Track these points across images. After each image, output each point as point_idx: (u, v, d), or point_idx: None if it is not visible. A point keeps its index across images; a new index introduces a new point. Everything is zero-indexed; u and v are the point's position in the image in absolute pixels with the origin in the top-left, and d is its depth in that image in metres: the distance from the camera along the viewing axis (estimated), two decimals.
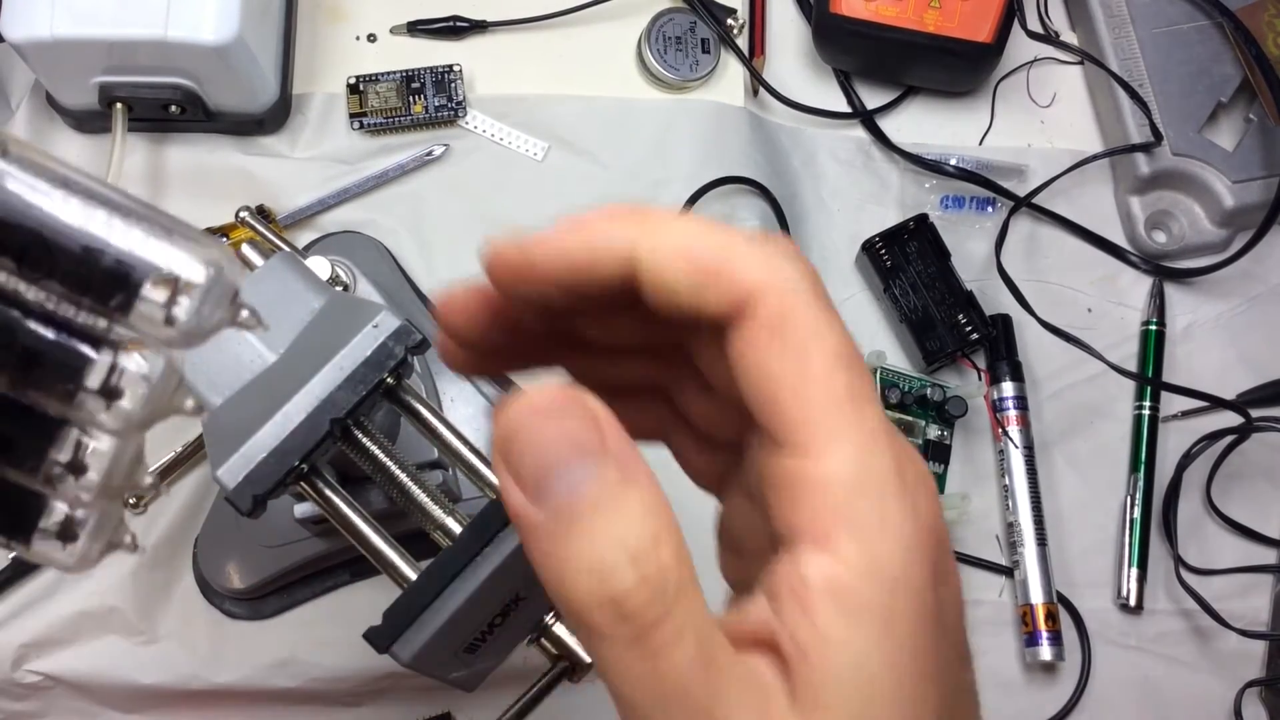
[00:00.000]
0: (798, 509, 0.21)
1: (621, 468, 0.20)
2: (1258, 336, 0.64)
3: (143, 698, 0.54)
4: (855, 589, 0.20)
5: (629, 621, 0.19)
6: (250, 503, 0.38)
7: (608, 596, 0.19)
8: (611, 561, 0.19)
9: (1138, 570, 0.60)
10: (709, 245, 0.22)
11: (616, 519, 0.20)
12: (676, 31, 0.63)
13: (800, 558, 0.21)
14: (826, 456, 0.21)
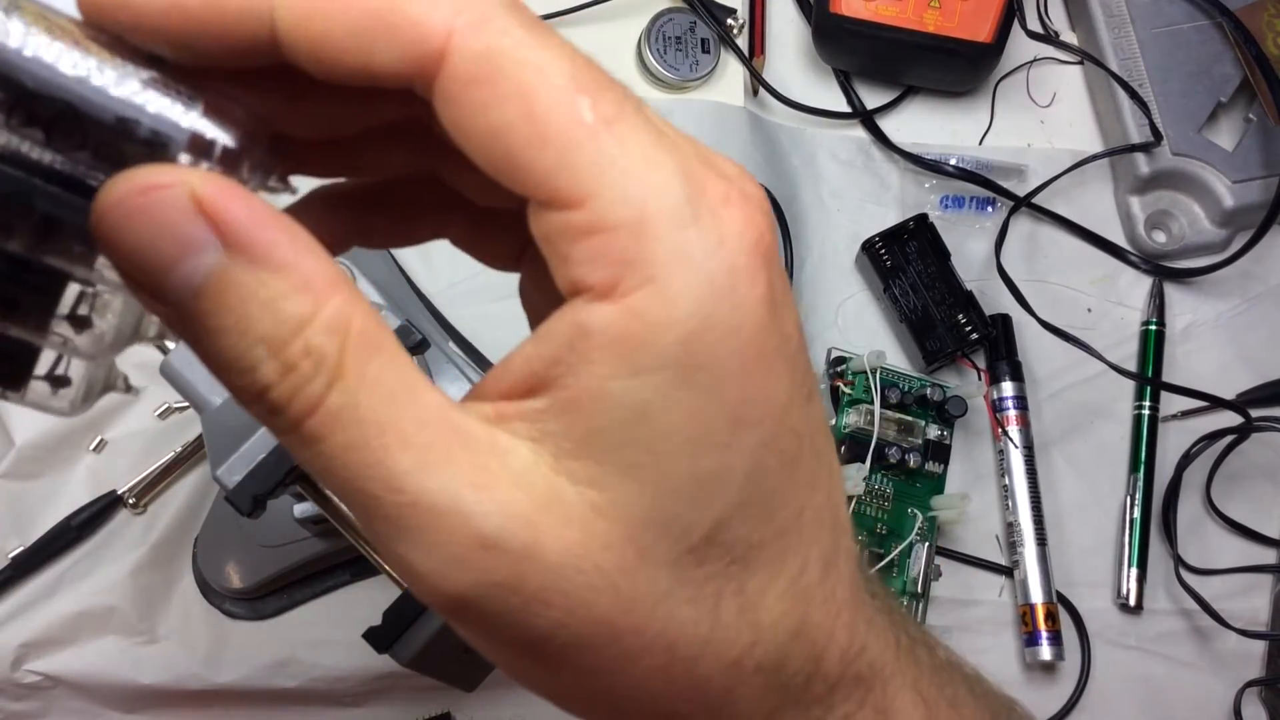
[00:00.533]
0: (576, 263, 0.18)
1: (248, 250, 0.17)
2: (1258, 336, 0.64)
3: (143, 698, 0.54)
4: (643, 339, 0.18)
5: (280, 413, 0.18)
6: (250, 503, 0.38)
7: (254, 390, 0.18)
8: (250, 357, 0.18)
9: (1137, 570, 0.60)
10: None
11: (249, 308, 0.18)
12: (676, 31, 0.63)
13: (580, 306, 0.19)
14: (597, 199, 0.18)
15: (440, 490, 0.18)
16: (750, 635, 0.21)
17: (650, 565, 0.19)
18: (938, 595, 0.58)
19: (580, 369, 0.19)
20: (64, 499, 0.55)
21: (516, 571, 0.19)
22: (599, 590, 0.19)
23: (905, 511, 0.57)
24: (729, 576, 0.20)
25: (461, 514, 0.18)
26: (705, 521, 0.19)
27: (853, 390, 0.58)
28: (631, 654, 0.20)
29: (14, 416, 0.56)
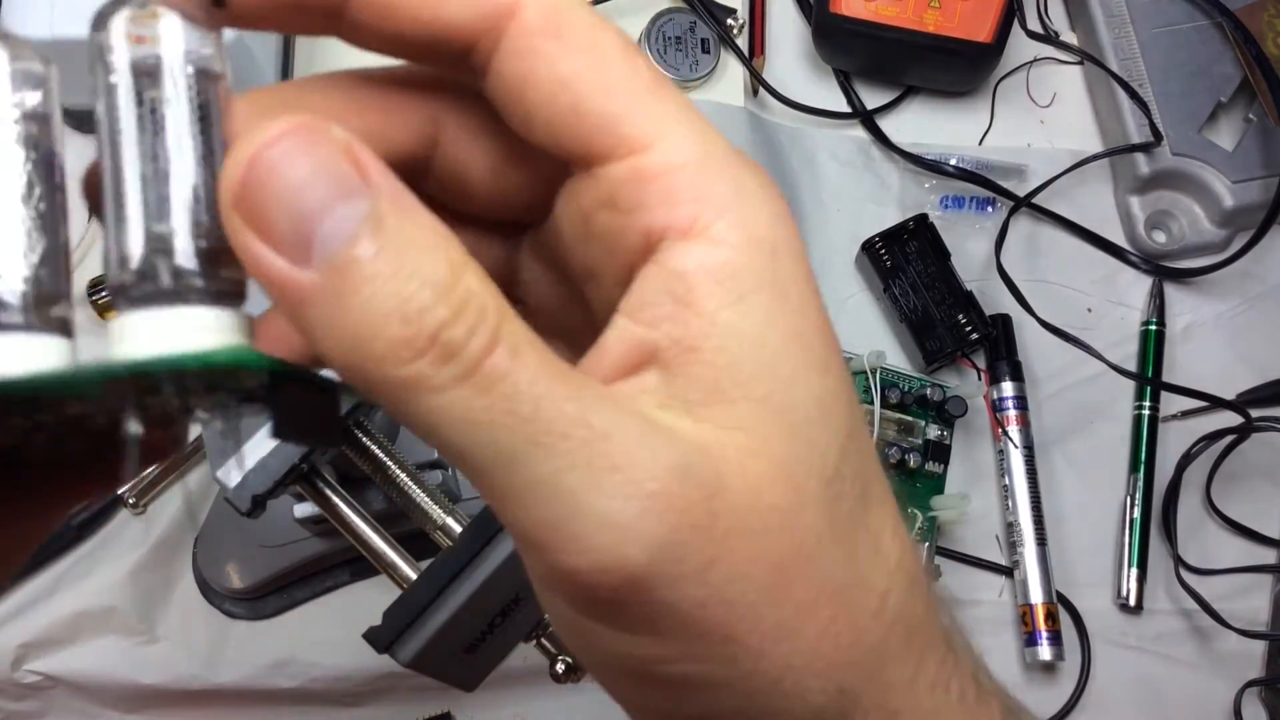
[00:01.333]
0: (650, 208, 0.18)
1: (393, 198, 0.17)
2: (1258, 336, 0.64)
3: (143, 698, 0.54)
4: (737, 264, 0.18)
5: (456, 357, 0.16)
6: (250, 503, 0.38)
7: (425, 337, 0.16)
8: (418, 300, 0.16)
9: (1137, 570, 0.60)
10: None
11: (408, 253, 0.16)
12: (676, 31, 0.63)
13: (669, 254, 0.18)
14: (663, 142, 0.18)
15: (632, 421, 0.17)
16: (884, 580, 0.20)
17: (808, 502, 0.19)
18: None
19: (688, 313, 0.18)
20: None
21: (709, 509, 0.17)
22: (773, 530, 0.18)
23: (905, 511, 0.57)
24: (856, 514, 0.19)
25: (653, 447, 0.17)
26: (834, 448, 0.19)
27: None
28: (805, 606, 0.19)
29: None
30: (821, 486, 0.19)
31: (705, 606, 0.18)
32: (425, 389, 0.16)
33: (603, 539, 0.17)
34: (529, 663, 0.55)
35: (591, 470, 0.17)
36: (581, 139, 0.19)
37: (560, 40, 0.18)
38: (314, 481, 0.41)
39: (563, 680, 0.41)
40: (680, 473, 0.17)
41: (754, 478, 0.18)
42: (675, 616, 0.18)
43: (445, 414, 0.17)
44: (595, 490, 0.17)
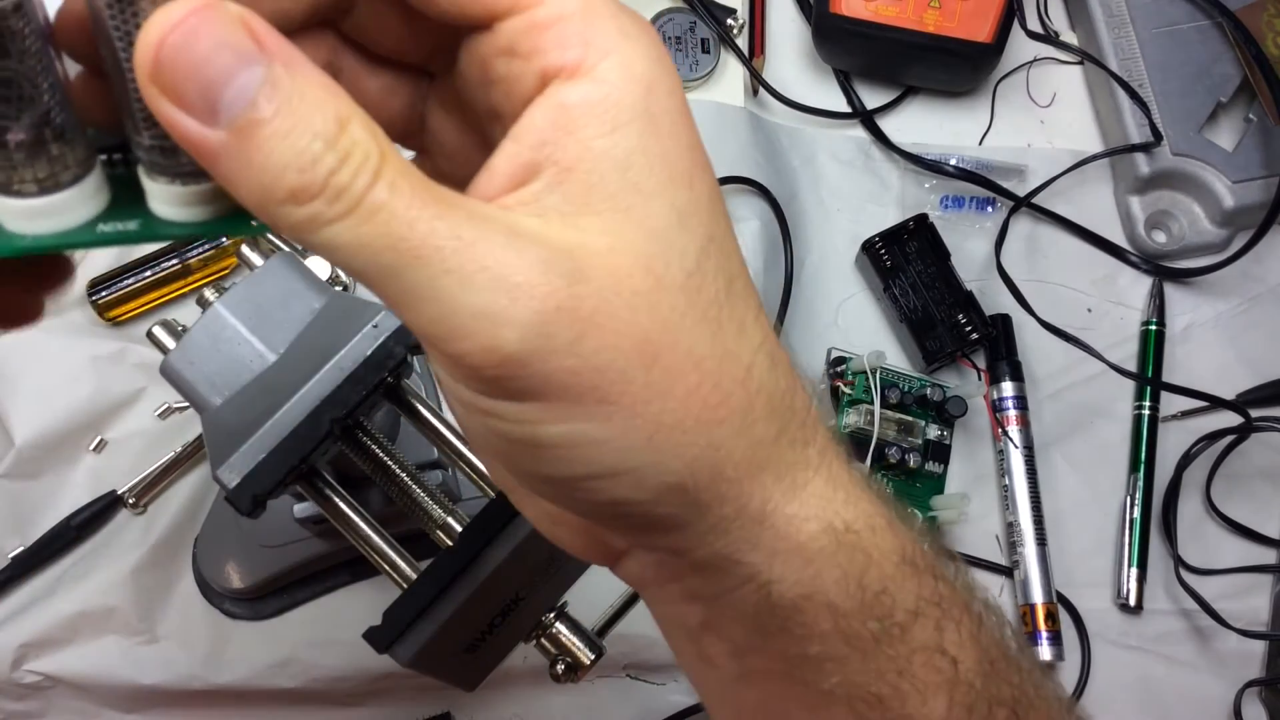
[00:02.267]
0: (544, 53, 0.22)
1: (286, 61, 0.20)
2: (1258, 336, 0.64)
3: (143, 698, 0.54)
4: (615, 98, 0.22)
5: (345, 194, 0.20)
6: (250, 503, 0.38)
7: (318, 183, 0.19)
8: (311, 151, 0.19)
9: (1137, 570, 0.60)
10: None
11: (300, 110, 0.19)
12: (676, 31, 0.63)
13: (557, 90, 0.22)
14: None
15: (498, 230, 0.21)
16: (749, 354, 0.23)
17: (666, 288, 0.22)
18: None
19: (567, 139, 0.21)
20: (64, 499, 0.56)
21: (573, 294, 0.21)
22: (637, 310, 0.21)
23: (905, 512, 0.57)
24: (720, 302, 0.23)
25: (516, 248, 0.21)
26: (693, 247, 0.23)
27: (853, 390, 0.58)
28: (672, 371, 0.22)
29: (14, 417, 0.56)
30: (683, 277, 0.22)
31: (578, 373, 0.21)
32: (321, 223, 0.20)
33: (480, 326, 0.20)
34: (529, 663, 0.55)
35: (463, 273, 0.20)
36: (483, 3, 0.22)
37: None
38: (314, 481, 0.41)
39: (563, 680, 0.41)
40: (543, 265, 0.21)
41: (615, 269, 0.21)
42: (553, 383, 0.21)
43: (339, 241, 0.20)
44: (468, 288, 0.20)
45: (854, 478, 0.26)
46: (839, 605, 0.25)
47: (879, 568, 0.25)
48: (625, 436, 0.22)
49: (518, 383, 0.21)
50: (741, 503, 0.24)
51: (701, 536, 0.24)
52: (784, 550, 0.24)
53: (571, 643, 0.41)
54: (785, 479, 0.24)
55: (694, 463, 0.23)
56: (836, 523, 0.25)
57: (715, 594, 0.25)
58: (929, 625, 0.26)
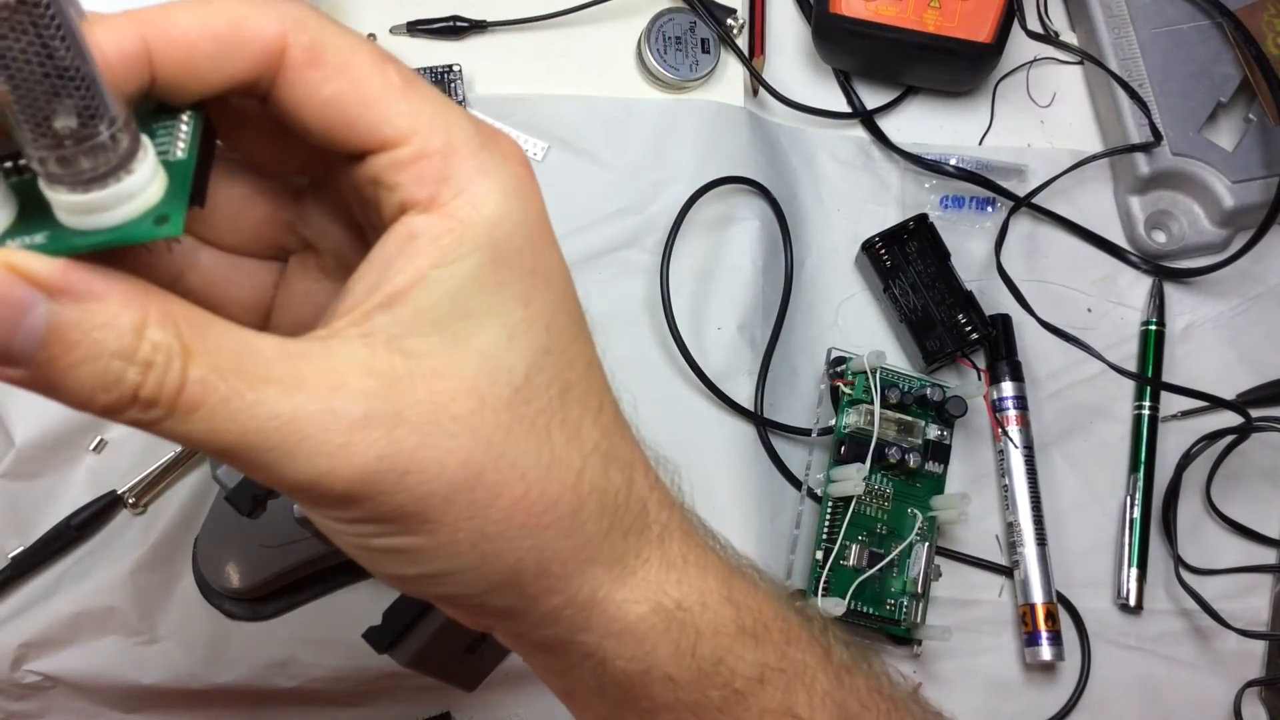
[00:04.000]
0: (404, 188, 0.23)
1: (68, 292, 0.21)
2: (1258, 336, 0.64)
3: (143, 698, 0.54)
4: (458, 233, 0.23)
5: (156, 404, 0.21)
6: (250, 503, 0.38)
7: (127, 397, 0.21)
8: (111, 372, 0.21)
9: (1137, 570, 0.60)
10: (217, 16, 0.23)
11: (91, 334, 0.21)
12: (676, 31, 0.63)
13: (406, 221, 0.23)
14: (415, 138, 0.23)
15: (309, 401, 0.22)
16: (579, 459, 0.25)
17: (491, 408, 0.24)
18: (938, 595, 0.58)
19: (407, 265, 0.23)
20: (64, 499, 0.55)
21: (392, 439, 0.22)
22: (459, 436, 0.23)
23: (905, 511, 0.57)
24: (552, 411, 0.25)
25: (333, 410, 0.22)
26: (522, 364, 0.24)
27: (853, 390, 0.58)
28: (497, 486, 0.24)
29: (14, 416, 0.56)
30: (509, 393, 0.24)
31: (404, 506, 0.23)
32: (145, 425, 0.22)
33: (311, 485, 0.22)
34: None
35: (285, 447, 0.22)
36: (351, 142, 0.24)
37: (321, 68, 0.23)
38: None
39: None
40: (362, 421, 0.22)
41: (437, 395, 0.23)
42: (381, 514, 0.23)
43: (172, 436, 0.22)
44: (294, 459, 0.22)
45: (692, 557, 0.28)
46: (676, 677, 0.27)
47: (713, 640, 0.28)
48: (450, 547, 0.24)
49: (351, 515, 0.23)
50: (570, 594, 0.26)
51: (535, 623, 0.26)
52: (615, 631, 0.27)
53: None
54: (615, 568, 0.26)
55: (518, 564, 0.25)
56: (666, 602, 0.27)
57: (563, 669, 0.28)
58: (776, 690, 0.28)
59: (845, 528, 0.56)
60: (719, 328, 0.60)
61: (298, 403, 0.22)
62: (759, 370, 0.60)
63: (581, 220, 0.61)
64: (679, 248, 0.60)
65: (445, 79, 0.61)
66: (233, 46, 0.23)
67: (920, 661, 0.59)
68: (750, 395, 0.59)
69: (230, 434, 0.22)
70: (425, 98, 0.24)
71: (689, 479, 0.60)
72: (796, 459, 0.60)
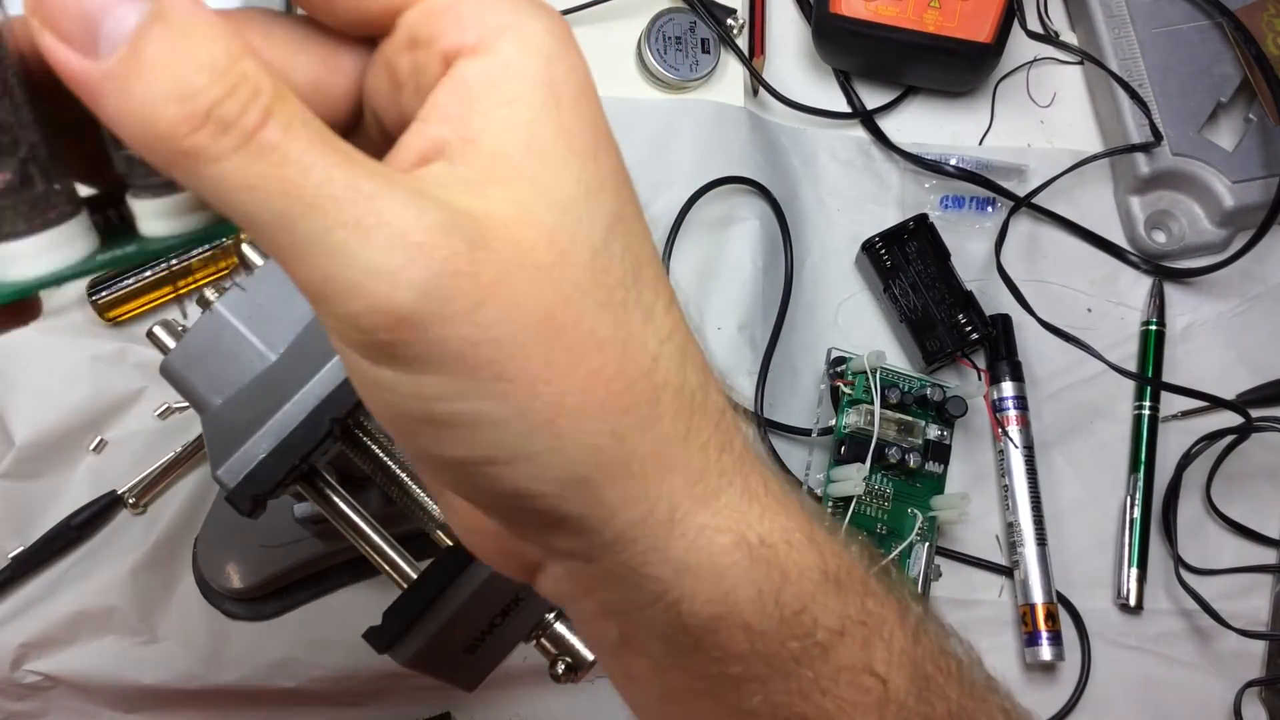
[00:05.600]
0: (443, 36, 0.21)
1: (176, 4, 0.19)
2: (1258, 336, 0.64)
3: (143, 698, 0.54)
4: (514, 71, 0.21)
5: (230, 129, 0.19)
6: (250, 503, 0.38)
7: (199, 114, 0.19)
8: (195, 81, 0.19)
9: (1138, 570, 0.60)
10: None
11: (186, 41, 0.19)
12: (676, 31, 0.63)
13: (458, 68, 0.21)
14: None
15: (400, 188, 0.20)
16: (655, 344, 0.23)
17: (570, 264, 0.21)
18: (938, 595, 0.58)
19: (469, 112, 0.21)
20: (64, 499, 0.55)
21: (473, 260, 0.20)
22: (540, 283, 0.21)
23: (905, 511, 0.57)
24: (627, 286, 0.22)
25: (418, 207, 0.20)
26: (599, 225, 0.22)
27: (853, 390, 0.58)
28: (576, 350, 0.21)
29: (14, 417, 0.56)
30: (588, 255, 0.21)
31: (476, 344, 0.20)
32: (205, 159, 0.19)
33: (373, 285, 0.19)
34: (529, 663, 0.55)
35: (360, 227, 0.19)
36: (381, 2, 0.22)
37: None
38: (314, 481, 0.41)
39: (563, 680, 0.41)
40: (444, 228, 0.20)
41: (520, 240, 0.21)
42: (448, 353, 0.20)
43: (226, 181, 0.19)
44: (364, 243, 0.19)
45: (772, 489, 0.25)
46: (754, 625, 0.24)
47: (797, 585, 0.24)
48: (524, 418, 0.21)
49: (411, 350, 0.20)
50: (649, 505, 0.23)
51: (608, 545, 0.23)
52: (694, 564, 0.23)
53: (572, 642, 0.41)
54: (696, 485, 0.23)
55: (598, 453, 0.22)
56: (751, 537, 0.24)
57: (627, 610, 0.24)
58: (855, 644, 0.25)
59: (845, 528, 0.56)
60: (719, 328, 0.60)
61: (382, 187, 0.20)
62: (759, 370, 0.60)
63: None
64: (679, 248, 0.60)
65: None
66: None
67: None
68: (750, 395, 0.59)
69: (300, 191, 0.19)
70: None
71: None
72: (796, 459, 0.60)
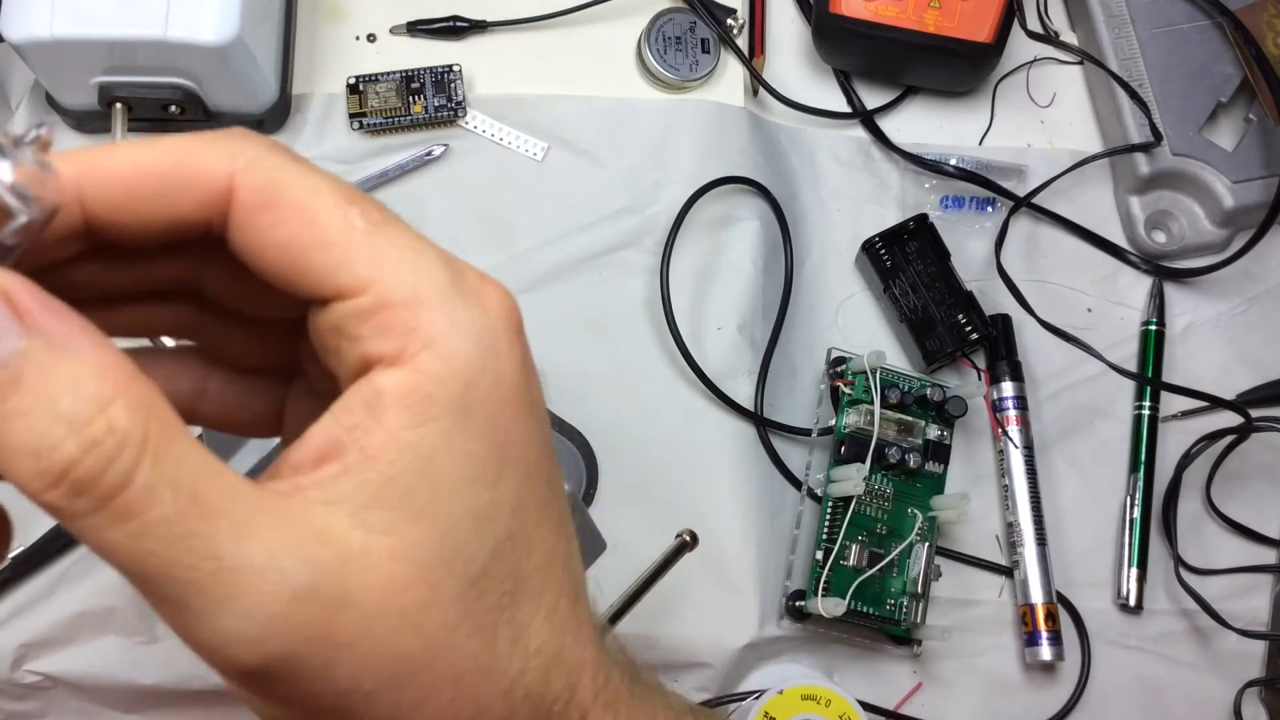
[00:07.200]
0: (367, 339, 0.21)
1: (47, 337, 0.19)
2: (1258, 336, 0.64)
3: (143, 698, 0.54)
4: (428, 391, 0.21)
5: (87, 493, 0.18)
6: None
7: (55, 472, 0.18)
8: (50, 436, 0.18)
9: (1138, 570, 0.60)
10: (161, 155, 0.21)
11: (47, 390, 0.18)
12: (676, 31, 0.63)
13: (375, 375, 0.21)
14: (377, 285, 0.21)
15: (256, 552, 0.20)
16: (520, 663, 0.23)
17: (442, 601, 0.21)
18: (938, 595, 0.58)
19: (376, 427, 0.21)
20: None
21: (329, 624, 0.20)
22: (400, 631, 0.21)
23: (905, 511, 0.57)
24: (502, 608, 0.22)
25: (278, 571, 0.20)
26: (483, 553, 0.22)
27: (853, 390, 0.58)
28: (427, 690, 0.21)
29: None
30: (464, 586, 0.21)
31: (320, 697, 0.21)
32: (66, 516, 0.19)
33: (224, 647, 0.20)
34: None
35: (215, 596, 0.19)
36: (309, 288, 0.22)
37: (274, 210, 0.21)
38: None
39: None
40: (304, 595, 0.20)
41: (390, 579, 0.21)
42: (295, 701, 0.21)
43: (91, 539, 0.19)
44: (219, 612, 0.19)
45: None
46: None
47: None
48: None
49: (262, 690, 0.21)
50: None
51: None
52: None
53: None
54: None
55: None
56: None
57: None
58: None
59: (845, 528, 0.56)
60: (719, 328, 0.60)
61: (245, 551, 0.19)
62: (759, 370, 0.60)
63: (581, 220, 0.61)
64: (679, 248, 0.60)
65: (445, 79, 0.61)
66: (176, 188, 0.21)
67: (920, 662, 0.59)
68: (750, 395, 0.59)
69: (157, 561, 0.19)
70: (393, 242, 0.22)
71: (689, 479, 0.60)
72: (796, 459, 0.60)
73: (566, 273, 0.60)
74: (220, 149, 0.21)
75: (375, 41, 0.63)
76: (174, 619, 0.20)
